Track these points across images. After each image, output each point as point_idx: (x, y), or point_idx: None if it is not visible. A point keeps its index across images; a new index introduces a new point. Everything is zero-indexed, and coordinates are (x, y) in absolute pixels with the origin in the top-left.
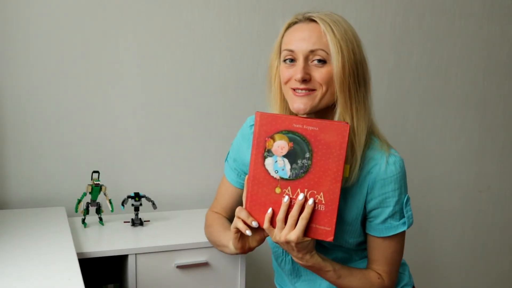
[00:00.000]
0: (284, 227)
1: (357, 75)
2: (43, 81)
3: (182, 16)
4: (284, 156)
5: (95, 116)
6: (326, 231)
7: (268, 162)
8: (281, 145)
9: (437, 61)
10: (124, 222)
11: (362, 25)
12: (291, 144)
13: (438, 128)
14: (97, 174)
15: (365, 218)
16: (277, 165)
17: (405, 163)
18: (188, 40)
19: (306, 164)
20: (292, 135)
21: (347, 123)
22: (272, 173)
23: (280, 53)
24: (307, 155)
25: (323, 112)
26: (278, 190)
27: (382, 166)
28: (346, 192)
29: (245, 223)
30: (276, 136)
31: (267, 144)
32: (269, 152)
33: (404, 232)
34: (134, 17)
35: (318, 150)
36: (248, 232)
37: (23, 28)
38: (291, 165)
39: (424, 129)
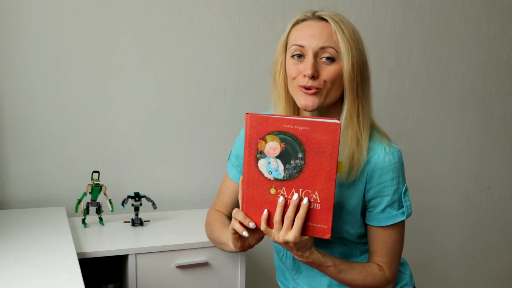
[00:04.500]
0: (281, 228)
1: (363, 74)
2: (43, 81)
3: (182, 16)
4: (277, 157)
5: (95, 116)
6: (323, 229)
7: (261, 163)
8: (273, 146)
9: (437, 61)
10: (124, 222)
11: (362, 25)
12: (283, 145)
13: (439, 128)
14: (97, 174)
15: (365, 209)
16: (271, 166)
17: (406, 163)
18: (188, 40)
19: (299, 164)
20: (283, 135)
21: (339, 120)
22: (266, 174)
23: (286, 48)
24: (300, 155)
25: (328, 109)
26: (273, 191)
27: (380, 156)
28: (346, 181)
29: (242, 224)
30: (268, 138)
31: (259, 145)
32: (261, 154)
33: (403, 222)
34: (134, 17)
35: (311, 149)
36: (245, 233)
37: (23, 28)
38: (284, 166)
39: (424, 129)
